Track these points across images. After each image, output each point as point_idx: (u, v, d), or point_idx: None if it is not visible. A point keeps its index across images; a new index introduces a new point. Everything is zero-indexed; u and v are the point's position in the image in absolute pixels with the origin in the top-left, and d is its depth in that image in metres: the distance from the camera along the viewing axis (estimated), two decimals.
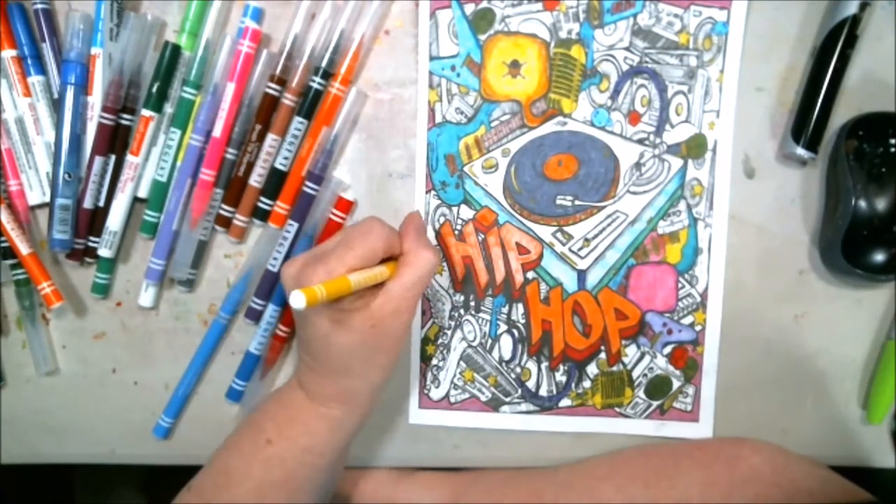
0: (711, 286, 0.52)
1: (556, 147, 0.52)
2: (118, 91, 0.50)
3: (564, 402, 0.54)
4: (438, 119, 0.52)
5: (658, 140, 0.51)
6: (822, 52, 0.49)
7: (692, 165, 0.52)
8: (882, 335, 0.53)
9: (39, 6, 0.51)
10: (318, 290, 0.38)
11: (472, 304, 0.54)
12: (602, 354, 0.53)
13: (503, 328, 0.54)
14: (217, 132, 0.51)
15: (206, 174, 0.51)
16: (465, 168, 0.52)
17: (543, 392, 0.54)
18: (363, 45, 0.51)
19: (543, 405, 0.54)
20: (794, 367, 0.53)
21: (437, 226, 0.53)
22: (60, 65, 0.51)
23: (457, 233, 0.53)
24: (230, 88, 0.50)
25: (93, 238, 0.53)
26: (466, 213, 0.53)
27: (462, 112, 0.52)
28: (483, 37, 0.51)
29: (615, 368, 0.54)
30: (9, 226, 0.51)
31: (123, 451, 0.57)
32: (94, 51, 0.51)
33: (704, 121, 0.51)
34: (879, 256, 0.49)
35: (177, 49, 0.51)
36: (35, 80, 0.52)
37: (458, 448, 0.55)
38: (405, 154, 0.53)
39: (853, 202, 0.49)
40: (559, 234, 0.53)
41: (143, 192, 0.53)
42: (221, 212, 0.53)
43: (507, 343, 0.54)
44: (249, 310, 0.54)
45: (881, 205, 0.49)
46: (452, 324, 0.54)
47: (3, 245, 0.52)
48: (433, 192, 0.53)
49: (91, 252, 0.53)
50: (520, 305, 0.53)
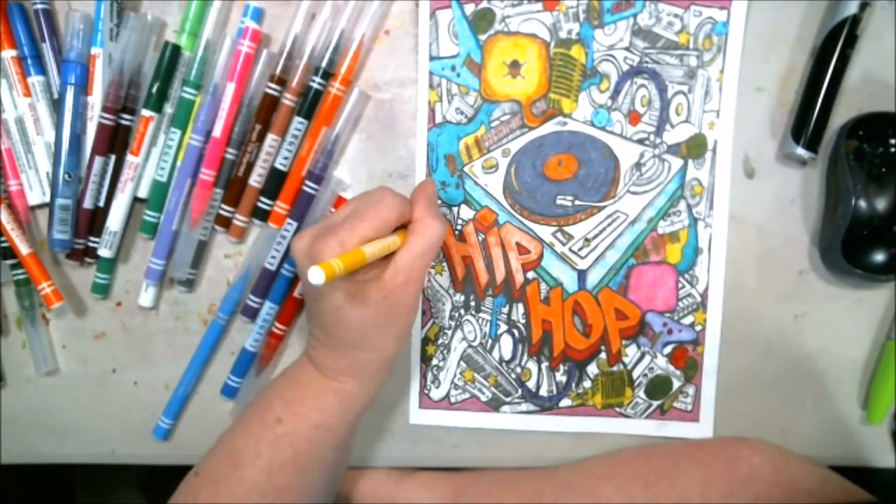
0: (712, 286, 0.52)
1: (557, 147, 0.52)
2: (118, 91, 0.50)
3: (565, 402, 0.54)
4: (438, 119, 0.52)
5: (658, 140, 0.51)
6: (822, 52, 0.49)
7: (692, 165, 0.52)
8: (882, 335, 0.53)
9: (39, 6, 0.51)
10: (336, 265, 0.37)
11: (473, 305, 0.54)
12: (602, 354, 0.53)
13: (503, 328, 0.54)
14: (217, 132, 0.51)
15: (206, 174, 0.51)
16: (466, 168, 0.52)
17: (544, 392, 0.54)
18: (363, 45, 0.51)
19: (544, 405, 0.54)
20: (794, 367, 0.53)
21: None
22: (60, 65, 0.51)
23: (457, 233, 0.53)
24: (230, 88, 0.50)
25: (93, 238, 0.53)
26: (467, 214, 0.53)
27: (462, 112, 0.52)
28: (483, 37, 0.51)
29: (615, 368, 0.54)
30: (9, 226, 0.51)
31: (123, 451, 0.57)
32: (94, 51, 0.51)
33: (704, 121, 0.51)
34: (879, 256, 0.49)
35: (177, 49, 0.51)
36: (35, 81, 0.52)
37: (459, 448, 0.55)
38: (405, 154, 0.53)
39: (853, 202, 0.49)
40: (559, 234, 0.53)
41: (143, 192, 0.53)
42: (221, 212, 0.53)
43: (508, 343, 0.54)
44: (246, 307, 0.54)
45: (881, 205, 0.49)
46: (453, 324, 0.54)
47: (3, 245, 0.52)
48: None
49: (91, 252, 0.53)
50: (520, 305, 0.53)
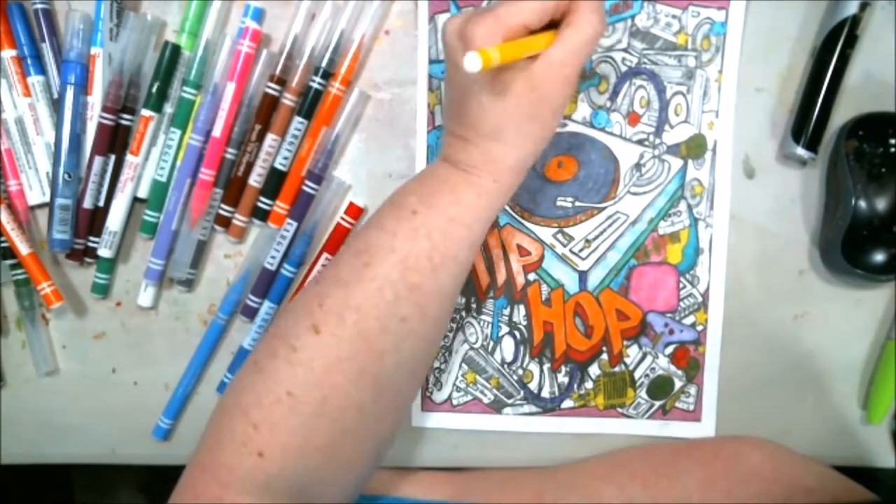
0: (713, 286, 0.52)
1: (556, 148, 0.52)
2: (118, 91, 0.50)
3: (567, 404, 0.54)
4: (438, 122, 0.52)
5: (658, 140, 0.51)
6: (822, 52, 0.49)
7: (692, 166, 0.52)
8: (882, 335, 0.53)
9: (39, 6, 0.51)
10: (493, 54, 0.34)
11: (474, 307, 0.54)
12: (604, 355, 0.53)
13: (505, 330, 0.54)
14: (217, 132, 0.51)
15: (206, 174, 0.51)
16: None
17: (546, 393, 0.54)
18: (363, 46, 0.51)
19: (546, 407, 0.54)
20: (794, 367, 0.53)
21: None
22: (60, 65, 0.51)
23: None
24: (230, 88, 0.50)
25: (92, 238, 0.53)
26: None
27: None
28: None
29: (617, 369, 0.54)
30: (8, 226, 0.51)
31: (123, 451, 0.57)
32: (94, 51, 0.51)
33: (704, 121, 0.51)
34: (879, 256, 0.49)
35: (177, 49, 0.51)
36: (35, 80, 0.52)
37: (461, 450, 0.55)
38: (405, 154, 0.53)
39: (853, 202, 0.49)
40: (560, 236, 0.53)
41: (143, 192, 0.53)
42: (221, 212, 0.52)
43: (509, 345, 0.54)
44: (245, 307, 0.53)
45: (881, 205, 0.49)
46: (454, 326, 0.54)
47: (3, 245, 0.52)
48: None
49: (91, 252, 0.53)
50: (521, 307, 0.53)
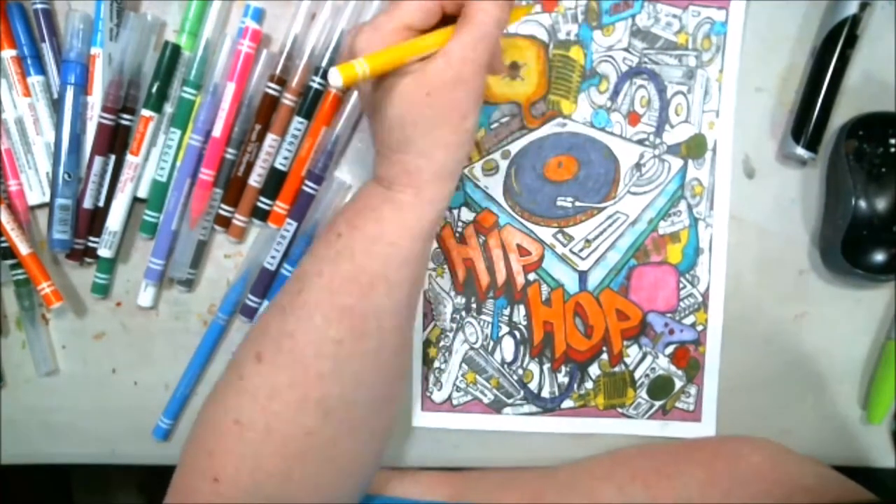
0: (713, 286, 0.52)
1: (556, 148, 0.52)
2: (118, 91, 0.50)
3: (567, 404, 0.54)
4: None
5: (658, 140, 0.51)
6: (822, 52, 0.49)
7: (692, 165, 0.52)
8: (882, 335, 0.53)
9: (39, 6, 0.51)
10: (360, 67, 0.32)
11: (474, 307, 0.54)
12: (604, 355, 0.53)
13: (505, 330, 0.54)
14: (217, 132, 0.50)
15: (206, 174, 0.51)
16: (466, 170, 0.52)
17: (546, 393, 0.54)
18: None
19: (546, 407, 0.54)
20: (795, 367, 0.53)
21: (438, 228, 0.53)
22: (60, 65, 0.51)
23: (458, 235, 0.53)
24: (230, 88, 0.50)
25: (92, 238, 0.53)
26: (467, 216, 0.53)
27: None
28: None
29: (617, 369, 0.54)
30: (8, 226, 0.51)
31: (123, 451, 0.57)
32: (94, 51, 0.51)
33: (704, 121, 0.51)
34: (879, 256, 0.49)
35: (177, 49, 0.51)
36: (35, 80, 0.52)
37: (461, 450, 0.55)
38: None
39: (853, 202, 0.49)
40: (560, 236, 0.53)
41: (143, 192, 0.53)
42: (221, 212, 0.52)
43: (509, 345, 0.54)
44: (245, 307, 0.53)
45: (881, 205, 0.49)
46: (454, 326, 0.54)
47: (3, 245, 0.52)
48: None
49: (91, 252, 0.53)
50: (521, 307, 0.53)
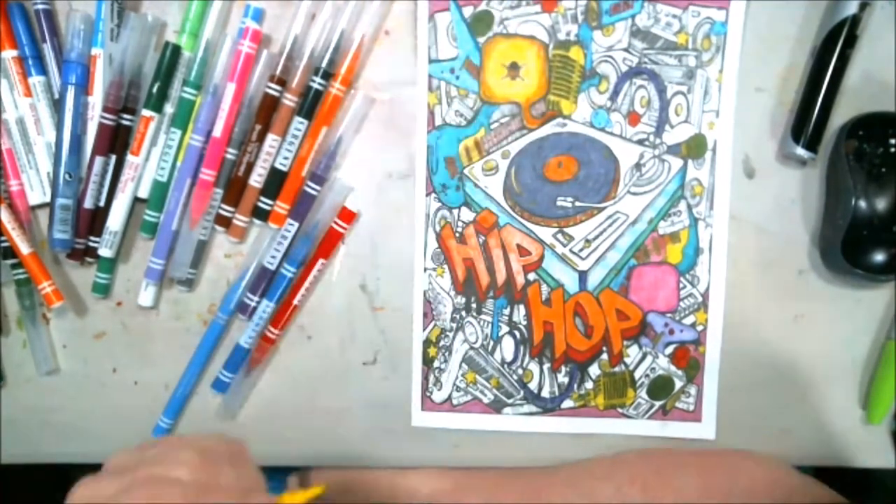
0: (713, 286, 0.52)
1: (556, 148, 0.52)
2: (119, 91, 0.51)
3: (567, 404, 0.54)
4: (438, 122, 0.52)
5: (658, 140, 0.51)
6: (822, 52, 0.49)
7: (692, 165, 0.52)
8: (882, 335, 0.53)
9: (40, 6, 0.51)
10: None
11: (474, 306, 0.54)
12: (604, 355, 0.53)
13: (505, 330, 0.54)
14: (217, 132, 0.51)
15: (206, 174, 0.51)
16: (466, 170, 0.52)
17: (546, 393, 0.54)
18: (363, 46, 0.51)
19: (546, 406, 0.54)
20: (794, 367, 0.53)
21: (438, 228, 0.53)
22: (61, 65, 0.51)
23: (458, 235, 0.53)
24: (230, 89, 0.50)
25: (93, 238, 0.53)
26: (467, 216, 0.53)
27: (461, 114, 0.52)
28: (482, 39, 0.51)
29: (617, 369, 0.53)
30: (9, 225, 0.52)
31: None
32: (95, 51, 0.51)
33: (704, 121, 0.51)
34: (879, 256, 0.49)
35: (177, 49, 0.51)
36: (36, 81, 0.52)
37: (461, 450, 0.55)
38: (405, 154, 0.53)
39: (853, 202, 0.49)
40: (560, 236, 0.53)
41: (144, 192, 0.53)
42: (221, 211, 0.53)
43: (509, 345, 0.54)
44: (243, 305, 0.53)
45: (881, 205, 0.49)
46: (454, 326, 0.54)
47: (4, 245, 0.52)
48: (434, 195, 0.53)
49: (91, 252, 0.53)
50: (521, 307, 0.53)
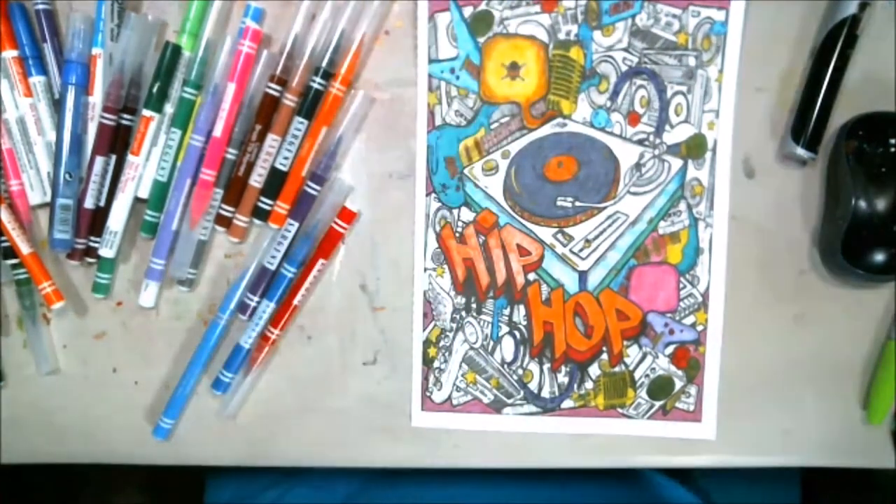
0: (713, 286, 0.52)
1: (556, 148, 0.52)
2: (119, 91, 0.51)
3: (567, 404, 0.54)
4: (438, 122, 0.52)
5: (658, 140, 0.51)
6: (822, 52, 0.49)
7: (692, 165, 0.52)
8: (882, 335, 0.53)
9: (41, 6, 0.51)
10: None
11: (474, 307, 0.54)
12: (604, 355, 0.53)
13: (505, 330, 0.54)
14: (217, 132, 0.51)
15: (207, 174, 0.51)
16: (466, 170, 0.52)
17: (546, 393, 0.54)
18: (363, 46, 0.51)
19: (546, 407, 0.54)
20: (794, 367, 0.53)
21: (438, 228, 0.53)
22: (61, 65, 0.51)
23: (457, 235, 0.53)
24: (231, 89, 0.50)
25: (93, 238, 0.53)
26: (467, 216, 0.53)
27: (461, 114, 0.52)
28: (482, 39, 0.51)
29: (617, 369, 0.53)
30: (10, 225, 0.52)
31: (123, 451, 0.57)
32: (95, 51, 0.51)
33: (704, 121, 0.51)
34: (879, 256, 0.49)
35: (177, 49, 0.51)
36: (36, 81, 0.52)
37: (461, 450, 0.55)
38: (405, 154, 0.53)
39: (853, 202, 0.49)
40: (560, 236, 0.53)
41: (144, 192, 0.53)
42: (221, 211, 0.53)
43: (509, 345, 0.54)
44: (243, 305, 0.53)
45: (881, 205, 0.49)
46: (454, 326, 0.54)
47: (4, 245, 0.52)
48: (434, 195, 0.53)
49: (92, 252, 0.53)
50: (521, 307, 0.53)
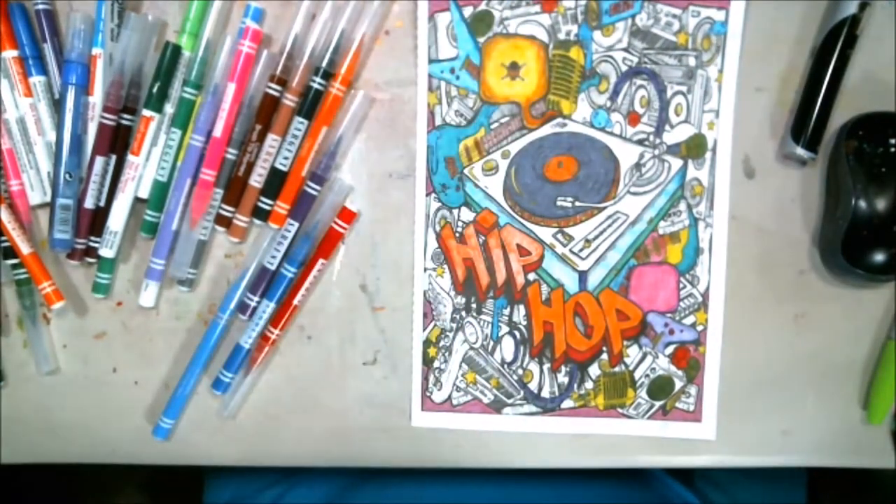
0: (713, 286, 0.52)
1: (556, 148, 0.52)
2: (119, 91, 0.51)
3: (567, 404, 0.54)
4: (438, 122, 0.52)
5: (658, 140, 0.51)
6: (822, 52, 0.49)
7: (692, 165, 0.52)
8: (882, 335, 0.53)
9: (41, 7, 0.51)
10: None
11: (474, 307, 0.54)
12: (604, 355, 0.53)
13: (505, 330, 0.54)
14: (217, 132, 0.51)
15: (207, 174, 0.51)
16: (466, 170, 0.52)
17: (546, 394, 0.54)
18: (363, 46, 0.51)
19: (546, 407, 0.54)
20: (794, 367, 0.53)
21: (438, 228, 0.53)
22: (62, 65, 0.51)
23: (458, 235, 0.53)
24: (231, 89, 0.50)
25: (93, 238, 0.53)
26: (467, 216, 0.53)
27: (461, 114, 0.52)
28: (482, 39, 0.51)
29: (617, 369, 0.54)
30: (10, 225, 0.52)
31: (124, 451, 0.57)
32: (95, 51, 0.51)
33: (704, 121, 0.51)
34: (879, 256, 0.49)
35: (177, 49, 0.51)
36: (36, 81, 0.52)
37: (461, 450, 0.55)
38: (405, 154, 0.53)
39: (853, 202, 0.49)
40: (560, 236, 0.53)
41: (144, 192, 0.53)
42: (221, 211, 0.53)
43: (509, 345, 0.54)
44: (243, 305, 0.53)
45: (881, 205, 0.49)
46: (454, 326, 0.54)
47: (5, 245, 0.52)
48: (434, 195, 0.53)
49: (92, 252, 0.53)
50: (521, 307, 0.53)
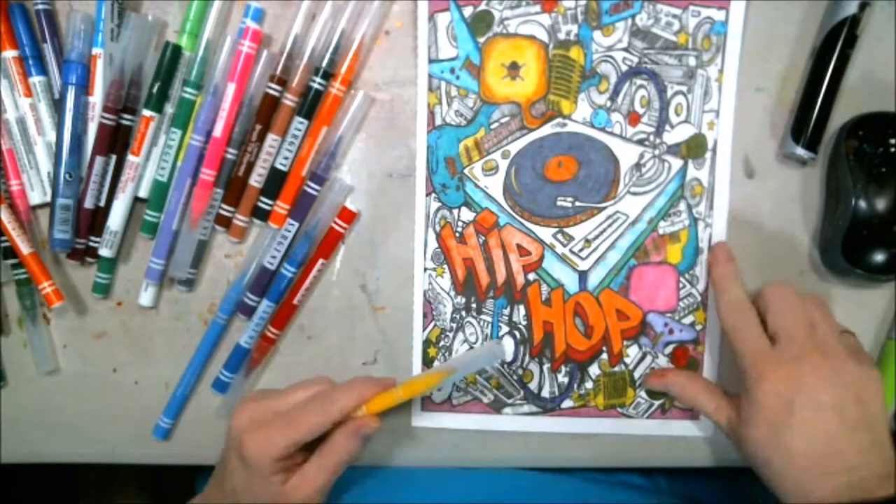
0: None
1: (556, 148, 0.52)
2: (119, 91, 0.51)
3: (567, 404, 0.54)
4: (438, 122, 0.52)
5: (658, 140, 0.51)
6: (822, 52, 0.49)
7: (692, 165, 0.52)
8: (882, 335, 0.53)
9: (41, 7, 0.51)
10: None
11: (474, 307, 0.54)
12: (604, 355, 0.53)
13: (505, 330, 0.54)
14: (217, 132, 0.51)
15: (207, 174, 0.51)
16: (466, 170, 0.52)
17: (546, 393, 0.54)
18: (363, 46, 0.51)
19: (546, 406, 0.54)
20: None
21: (438, 228, 0.53)
22: (62, 65, 0.51)
23: (458, 235, 0.53)
24: (231, 89, 0.50)
25: (93, 238, 0.53)
26: (467, 216, 0.53)
27: (461, 114, 0.52)
28: (482, 39, 0.51)
29: (617, 369, 0.54)
30: (10, 225, 0.52)
31: (124, 451, 0.57)
32: (95, 51, 0.51)
33: (704, 121, 0.51)
34: (879, 256, 0.49)
35: (177, 49, 0.51)
36: (36, 81, 0.52)
37: (461, 450, 0.55)
38: (405, 154, 0.53)
39: (853, 202, 0.49)
40: (560, 236, 0.53)
41: (144, 192, 0.53)
42: (221, 211, 0.53)
43: (509, 345, 0.54)
44: (243, 305, 0.53)
45: (881, 205, 0.49)
46: (454, 326, 0.54)
47: (5, 245, 0.52)
48: (434, 195, 0.53)
49: (92, 252, 0.53)
50: (521, 307, 0.53)
